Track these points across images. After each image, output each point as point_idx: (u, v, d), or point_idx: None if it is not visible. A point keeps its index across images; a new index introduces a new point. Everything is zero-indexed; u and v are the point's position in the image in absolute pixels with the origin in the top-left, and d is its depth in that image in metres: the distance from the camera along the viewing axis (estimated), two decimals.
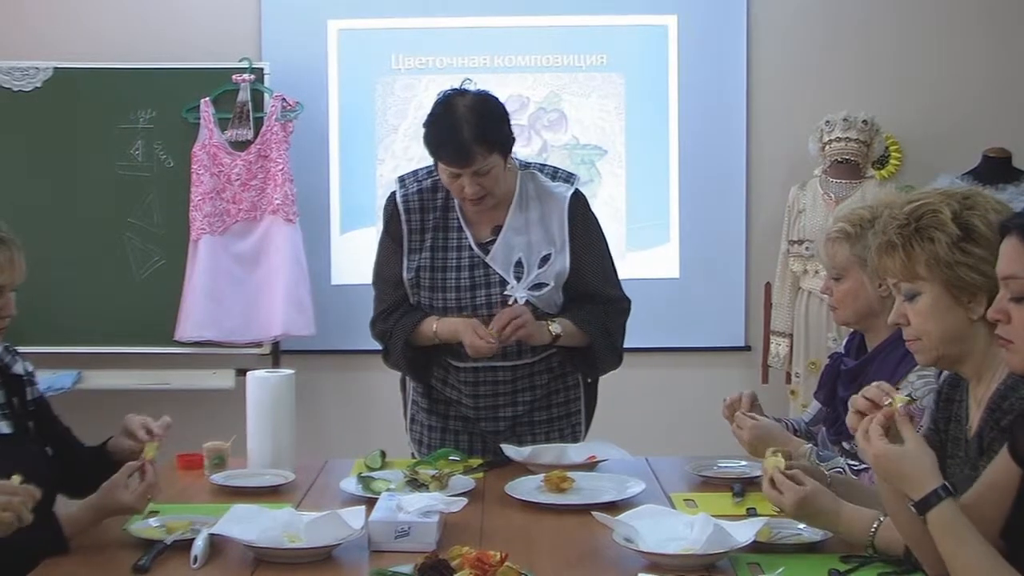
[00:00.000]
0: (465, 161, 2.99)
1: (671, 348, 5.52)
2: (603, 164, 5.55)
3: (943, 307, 2.11)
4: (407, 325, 3.16)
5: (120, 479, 2.44)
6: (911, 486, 1.78)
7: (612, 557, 2.28)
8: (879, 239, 2.16)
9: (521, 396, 3.22)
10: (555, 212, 3.17)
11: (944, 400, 2.26)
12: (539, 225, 3.16)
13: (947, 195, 2.13)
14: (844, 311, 2.83)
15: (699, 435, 5.33)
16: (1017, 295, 1.72)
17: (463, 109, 3.02)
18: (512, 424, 3.23)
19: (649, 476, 2.94)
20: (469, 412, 3.23)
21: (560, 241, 3.16)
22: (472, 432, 3.24)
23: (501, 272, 3.13)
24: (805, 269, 5.12)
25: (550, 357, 3.22)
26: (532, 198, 3.18)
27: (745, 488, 2.76)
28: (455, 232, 3.17)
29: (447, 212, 3.17)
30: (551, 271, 3.15)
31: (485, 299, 3.12)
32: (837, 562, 2.18)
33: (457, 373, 3.20)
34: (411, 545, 2.29)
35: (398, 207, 3.17)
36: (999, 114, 5.44)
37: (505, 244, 3.14)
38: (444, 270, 3.14)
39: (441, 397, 3.27)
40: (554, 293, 3.16)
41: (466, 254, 3.15)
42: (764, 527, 2.29)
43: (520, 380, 3.21)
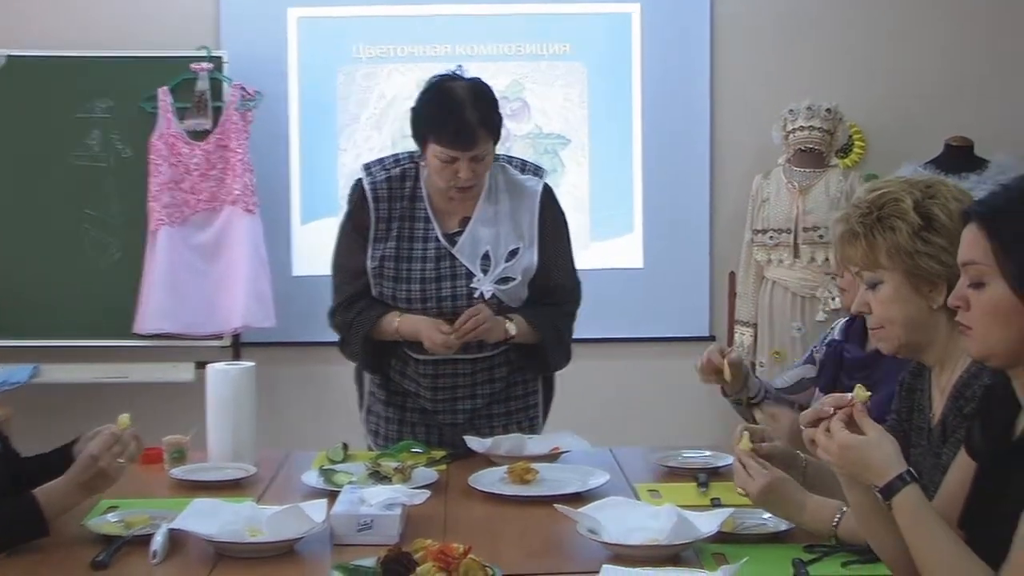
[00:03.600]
0: (470, 143, 2.97)
1: (634, 338, 5.53)
2: (566, 153, 5.55)
3: (904, 295, 2.13)
4: (369, 319, 3.14)
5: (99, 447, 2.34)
6: (876, 473, 1.79)
7: (576, 549, 2.28)
8: (842, 228, 2.18)
9: (480, 389, 3.22)
10: (525, 206, 3.16)
11: (906, 389, 2.27)
12: (508, 218, 3.16)
13: (909, 184, 2.15)
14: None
15: (663, 425, 5.37)
16: (976, 281, 1.73)
17: (462, 92, 3.01)
18: (471, 417, 3.22)
19: (613, 467, 2.94)
20: (427, 404, 3.22)
21: (529, 236, 3.15)
22: (430, 424, 3.23)
23: (468, 264, 3.12)
24: (769, 258, 5.14)
25: (509, 351, 3.22)
26: (502, 190, 3.17)
27: (710, 478, 2.77)
28: (422, 223, 3.14)
29: (414, 202, 3.15)
30: (518, 265, 3.14)
31: (450, 291, 3.11)
32: (801, 552, 2.19)
33: (416, 365, 3.19)
34: (374, 538, 2.27)
35: (366, 194, 3.14)
36: (961, 103, 5.48)
37: (473, 236, 3.13)
38: (409, 260, 3.13)
39: (399, 389, 3.25)
40: (520, 287, 3.15)
41: (432, 245, 3.13)
42: (729, 517, 2.30)
43: (480, 373, 3.20)
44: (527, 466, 2.77)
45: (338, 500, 2.42)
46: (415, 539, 2.11)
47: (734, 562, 2.00)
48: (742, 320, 5.26)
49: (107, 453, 2.35)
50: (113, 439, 2.38)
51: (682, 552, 2.20)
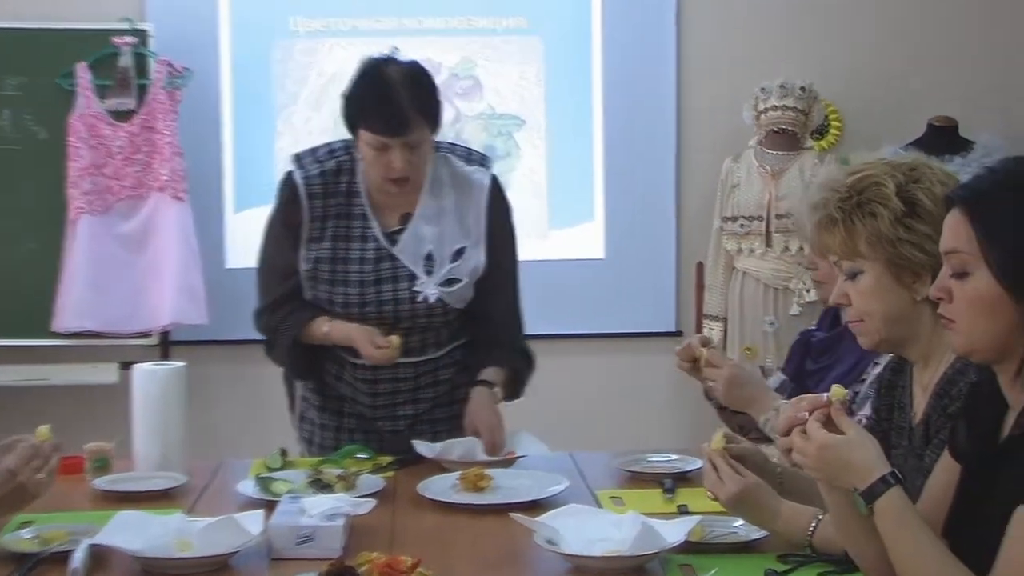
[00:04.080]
0: (402, 129, 2.96)
1: (596, 334, 5.55)
2: (522, 135, 5.55)
3: (885, 287, 2.14)
4: (297, 322, 3.12)
5: (17, 461, 2.32)
6: (857, 475, 1.80)
7: (533, 560, 2.29)
8: (819, 214, 2.19)
9: (423, 393, 3.21)
10: (472, 201, 3.16)
11: (886, 386, 2.29)
12: (453, 214, 3.14)
13: (892, 166, 2.16)
14: (831, 286, 2.84)
15: (627, 427, 5.38)
16: (959, 271, 1.75)
17: (396, 75, 3.00)
18: (413, 422, 3.21)
19: (573, 472, 2.94)
20: (366, 410, 3.21)
21: (476, 234, 3.15)
22: (369, 431, 3.21)
23: (410, 265, 3.10)
24: (740, 248, 5.16)
25: (454, 350, 3.22)
26: (446, 184, 3.16)
27: (676, 484, 2.78)
28: (359, 220, 3.12)
29: (351, 198, 3.13)
30: (465, 266, 3.13)
31: (391, 295, 3.10)
32: (774, 562, 2.21)
33: (353, 370, 3.18)
34: (315, 551, 2.27)
35: (298, 191, 3.11)
36: (945, 81, 5.53)
37: (415, 234, 3.12)
38: (346, 262, 3.11)
39: (334, 394, 3.24)
40: (467, 289, 3.14)
41: (371, 245, 3.11)
42: (697, 526, 2.31)
43: (423, 376, 3.20)
44: (480, 472, 2.77)
45: (276, 511, 2.41)
46: (360, 552, 2.11)
47: (702, 574, 2.01)
48: (711, 314, 5.28)
49: (26, 467, 2.33)
50: (32, 451, 2.35)
51: (647, 563, 2.21)
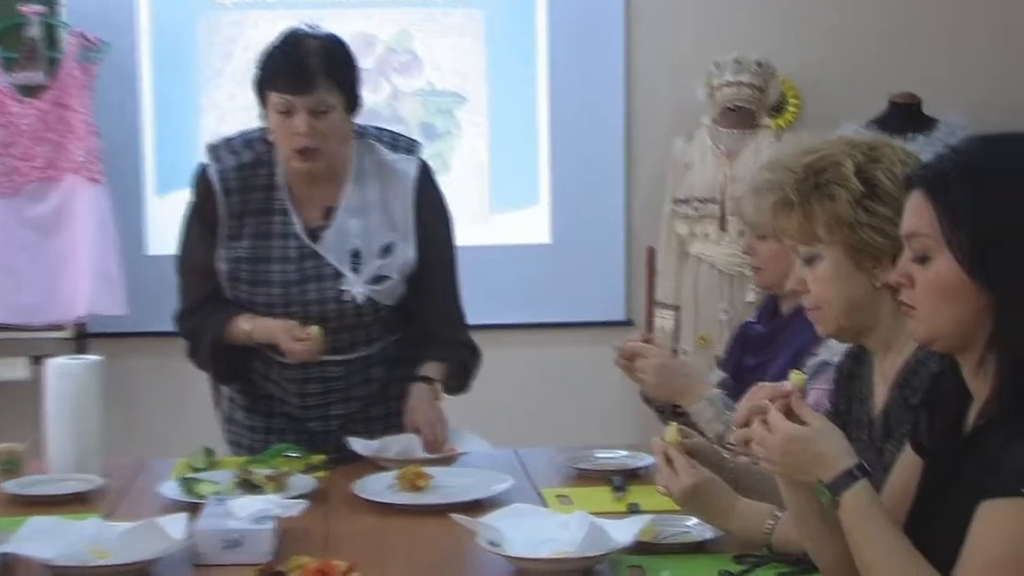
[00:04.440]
0: (306, 86, 2.95)
1: (541, 324, 5.56)
2: (462, 113, 5.55)
3: (844, 272, 2.15)
4: (218, 323, 3.10)
5: None
6: (823, 467, 1.80)
7: (475, 564, 2.30)
8: (775, 195, 2.20)
9: (355, 391, 3.21)
10: (398, 193, 3.14)
11: (846, 377, 2.31)
12: (379, 207, 3.13)
13: (851, 145, 2.17)
14: (769, 273, 2.86)
15: (574, 422, 5.40)
16: (920, 256, 1.76)
17: (312, 43, 3.00)
18: (345, 422, 3.20)
19: (517, 470, 2.95)
20: (296, 411, 3.21)
21: (405, 228, 3.14)
22: (300, 432, 3.20)
23: (335, 263, 3.09)
24: (693, 232, 5.19)
25: (387, 347, 3.22)
26: (371, 174, 3.14)
27: (626, 481, 2.79)
28: (280, 216, 3.10)
29: (271, 192, 3.11)
30: (395, 263, 3.12)
31: (316, 295, 3.09)
32: (729, 563, 2.22)
33: (281, 369, 3.16)
34: (243, 556, 2.26)
35: (213, 186, 3.09)
36: (907, 55, 5.58)
37: (339, 229, 3.10)
38: (267, 261, 3.09)
39: (263, 394, 3.23)
40: (398, 286, 3.14)
41: (293, 243, 3.09)
42: (648, 525, 2.32)
43: (354, 375, 3.19)
44: (419, 471, 2.77)
45: (201, 514, 2.40)
46: (291, 556, 2.10)
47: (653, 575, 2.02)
48: (663, 302, 5.29)
49: None
50: None
51: (595, 565, 2.22)
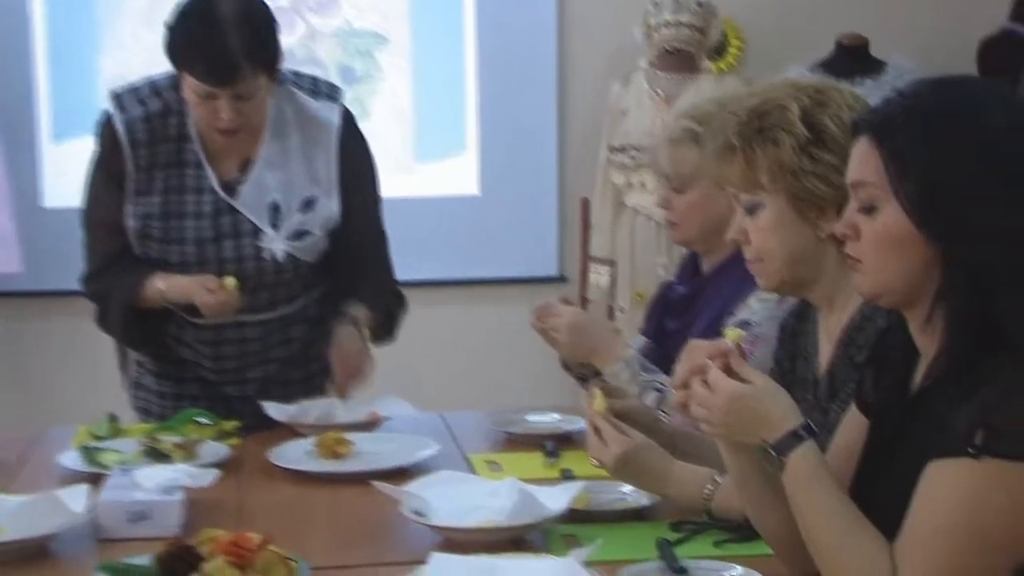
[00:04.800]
0: (229, 78, 2.90)
1: (470, 280, 5.57)
2: (384, 55, 5.52)
3: (788, 222, 2.17)
4: (127, 286, 3.07)
5: None
6: (768, 428, 1.80)
7: (400, 534, 2.30)
8: (716, 140, 2.20)
9: (274, 352, 3.20)
10: (321, 143, 3.13)
11: (790, 334, 2.33)
12: (300, 158, 3.12)
13: (796, 88, 2.17)
14: (687, 228, 2.87)
15: (504, 384, 5.42)
16: (866, 205, 1.77)
17: (226, 11, 2.91)
18: (263, 385, 3.20)
19: (444, 435, 2.96)
20: (210, 375, 3.20)
21: (328, 181, 3.12)
22: (214, 398, 3.19)
23: (252, 219, 3.07)
24: (630, 182, 5.20)
25: (308, 306, 3.22)
26: (291, 123, 3.12)
27: (559, 446, 2.81)
28: (193, 169, 3.08)
29: (182, 144, 3.08)
30: (317, 217, 3.11)
31: (234, 252, 3.07)
32: (667, 530, 2.24)
33: (195, 331, 3.15)
34: (150, 530, 2.25)
35: (119, 137, 3.05)
36: None
37: (257, 183, 3.08)
38: (180, 217, 3.07)
39: (174, 358, 3.22)
40: (319, 242, 3.13)
41: (208, 197, 3.07)
42: (582, 492, 2.33)
43: (273, 335, 3.19)
44: (339, 437, 2.77)
45: (104, 485, 2.39)
46: (201, 529, 2.09)
47: (587, 545, 2.04)
48: (598, 256, 5.32)
49: None
50: None
51: (526, 535, 2.23)
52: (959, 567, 1.63)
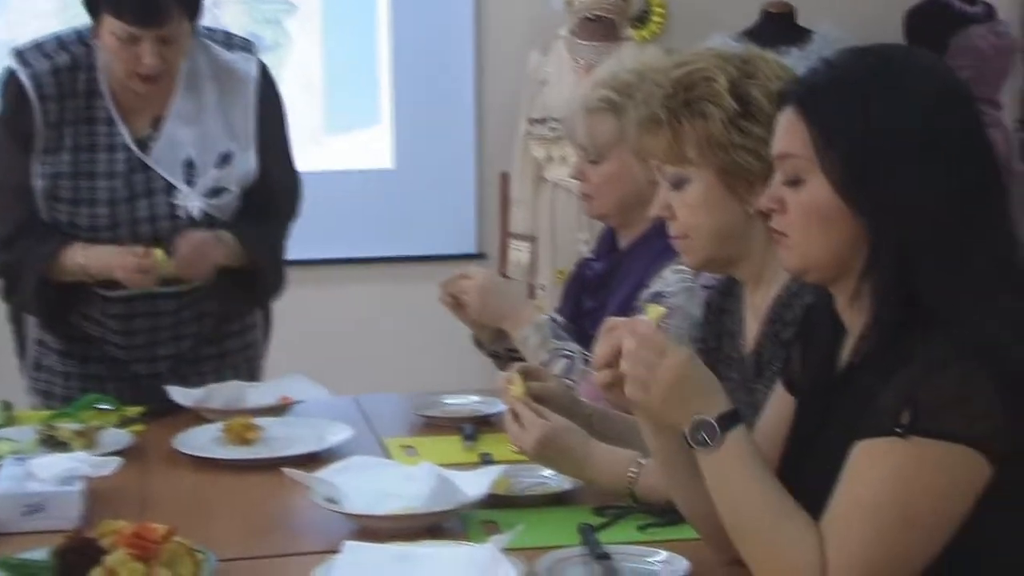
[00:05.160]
0: (156, 17, 2.90)
1: (384, 258, 5.55)
2: (293, 23, 5.49)
3: (716, 197, 2.18)
4: (42, 255, 3.05)
5: None
6: (703, 405, 1.79)
7: (311, 523, 2.29)
8: (641, 111, 2.20)
9: (186, 328, 3.19)
10: (238, 96, 3.13)
11: (715, 311, 2.35)
12: (216, 112, 3.11)
13: (723, 59, 2.18)
14: (603, 201, 2.87)
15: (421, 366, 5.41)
16: (792, 178, 1.78)
17: None
18: (174, 364, 3.20)
19: (357, 419, 2.95)
20: (119, 353, 3.18)
21: (245, 135, 3.13)
22: (122, 378, 3.18)
23: (166, 175, 3.06)
24: (550, 155, 5.21)
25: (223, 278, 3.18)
26: (205, 76, 3.12)
27: (478, 429, 2.81)
28: (104, 126, 3.07)
29: (92, 100, 3.07)
30: (233, 173, 3.11)
31: (147, 212, 3.06)
32: (589, 515, 2.25)
33: (103, 305, 3.13)
34: (47, 523, 2.23)
35: (26, 92, 3.03)
36: None
37: (170, 139, 3.07)
38: (91, 177, 3.05)
39: (79, 335, 3.19)
40: (236, 200, 3.12)
41: (120, 155, 3.06)
42: (501, 477, 2.34)
43: (186, 309, 3.18)
44: (248, 422, 2.76)
45: None
46: (102, 521, 2.07)
47: (507, 531, 2.04)
48: (518, 233, 5.32)
49: None
50: None
51: (444, 521, 2.23)
52: (887, 546, 1.65)
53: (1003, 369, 1.63)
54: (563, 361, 2.71)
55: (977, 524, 1.66)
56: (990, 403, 1.63)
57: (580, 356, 2.74)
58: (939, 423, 1.63)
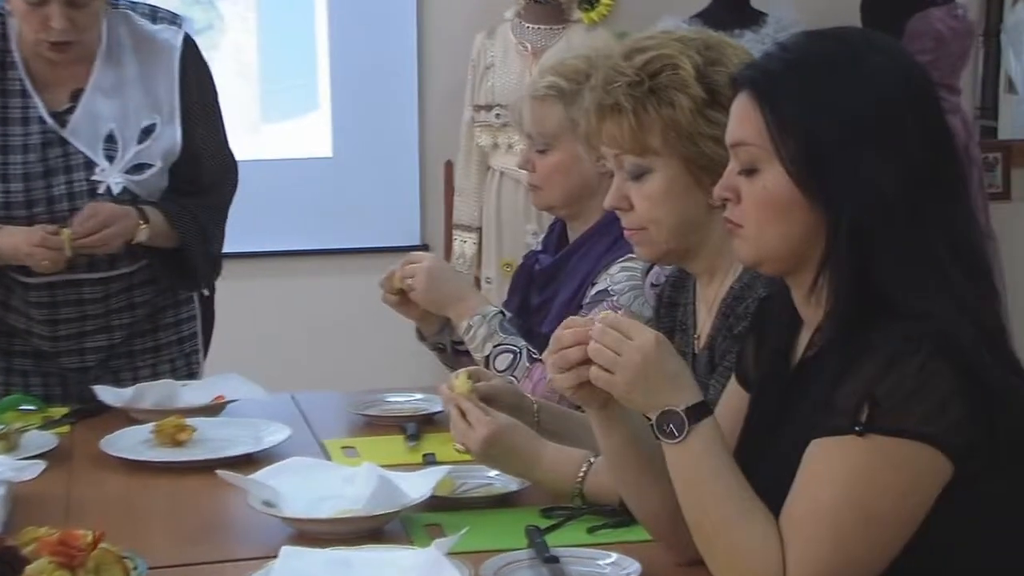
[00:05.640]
0: None
1: (323, 250, 5.54)
2: (226, 5, 5.47)
3: (679, 189, 2.18)
4: None
5: None
6: (669, 394, 1.79)
7: (247, 528, 2.28)
8: (599, 96, 2.20)
9: (117, 319, 3.17)
10: (161, 67, 3.12)
11: (667, 304, 2.35)
12: (138, 84, 3.10)
13: (685, 44, 2.18)
14: (550, 192, 2.87)
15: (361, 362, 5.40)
16: (747, 167, 1.79)
17: None
18: (106, 357, 3.18)
19: (295, 419, 2.94)
20: (44, 345, 3.16)
21: (169, 107, 3.12)
22: (48, 373, 3.17)
23: (85, 150, 3.05)
24: (496, 142, 5.21)
25: (153, 264, 3.18)
26: (126, 48, 3.11)
27: (421, 428, 2.81)
28: (18, 99, 3.05)
29: (5, 72, 3.06)
30: (157, 147, 3.10)
31: (65, 189, 3.04)
32: (537, 517, 2.25)
33: (25, 292, 3.10)
34: None
35: None
36: None
37: (89, 112, 3.06)
38: (5, 152, 3.03)
39: (2, 328, 3.17)
40: (160, 176, 3.11)
41: (36, 128, 3.05)
42: (446, 478, 2.34)
43: (115, 297, 3.15)
44: (179, 422, 2.74)
45: None
46: (25, 528, 2.06)
47: (451, 534, 2.04)
48: (463, 224, 5.33)
49: None
50: None
51: (385, 525, 2.23)
52: (847, 549, 1.66)
53: (964, 361, 1.64)
54: (508, 356, 2.71)
55: (938, 523, 1.67)
56: (950, 397, 1.64)
57: (526, 352, 2.74)
58: (898, 420, 1.64)
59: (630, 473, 1.96)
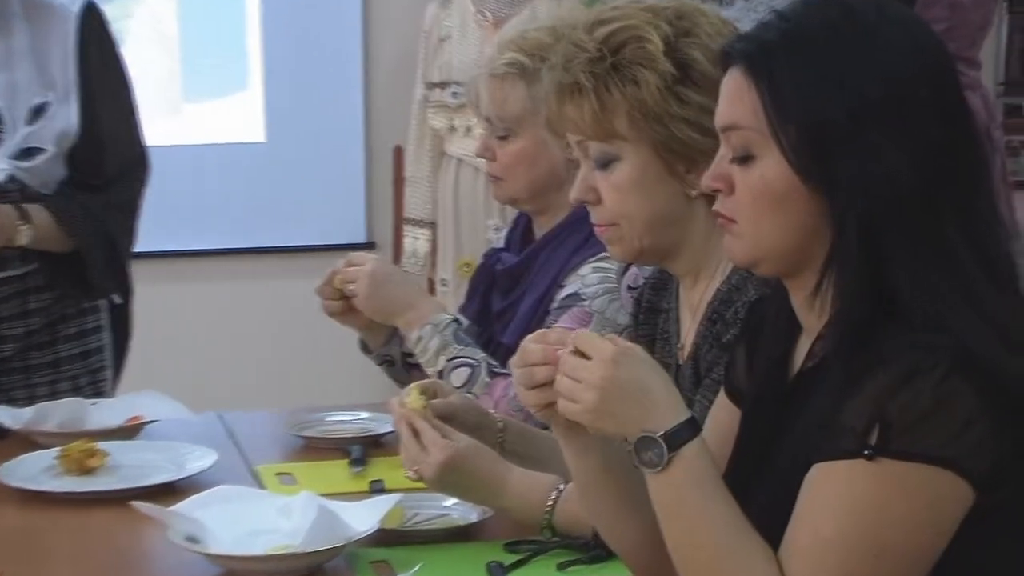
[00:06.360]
0: None
1: (254, 249, 5.54)
2: None
3: (652, 179, 2.19)
4: None
5: None
6: (657, 417, 1.76)
7: (168, 566, 2.29)
8: (558, 76, 2.20)
9: (9, 328, 3.17)
10: (55, 38, 3.12)
11: (646, 310, 2.35)
12: (29, 58, 3.11)
13: (654, 12, 2.19)
14: (513, 183, 2.87)
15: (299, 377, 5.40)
16: (740, 153, 1.79)
17: None
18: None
19: (223, 441, 2.95)
20: None
21: (64, 83, 3.12)
22: None
23: None
24: (452, 125, 5.22)
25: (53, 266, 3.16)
26: (16, 16, 3.12)
27: (367, 452, 2.81)
28: None
29: None
30: (49, 130, 3.10)
31: None
32: (500, 551, 2.26)
33: None
34: None
35: None
36: None
37: None
38: None
39: None
40: (54, 164, 3.11)
41: None
42: (396, 508, 2.34)
43: (6, 303, 3.15)
44: (90, 447, 2.74)
45: None
46: None
47: (402, 572, 2.04)
48: (415, 218, 5.33)
49: None
50: None
51: (327, 561, 2.23)
52: None
53: (986, 376, 1.65)
54: (464, 370, 2.70)
55: (959, 555, 1.67)
56: (972, 417, 1.64)
57: (485, 365, 2.73)
58: (912, 442, 1.63)
59: (606, 501, 1.96)
